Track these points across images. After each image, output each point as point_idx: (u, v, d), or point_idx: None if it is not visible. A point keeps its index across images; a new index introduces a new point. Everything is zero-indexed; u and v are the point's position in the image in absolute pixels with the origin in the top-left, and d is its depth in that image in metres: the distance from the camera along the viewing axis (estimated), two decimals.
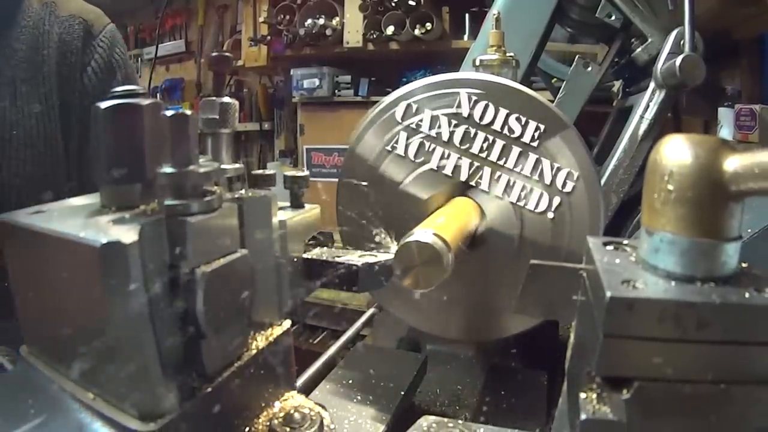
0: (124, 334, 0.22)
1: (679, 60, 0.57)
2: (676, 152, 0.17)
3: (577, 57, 0.71)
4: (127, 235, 0.21)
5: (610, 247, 0.21)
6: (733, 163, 0.17)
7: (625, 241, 0.21)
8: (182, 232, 0.22)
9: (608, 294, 0.16)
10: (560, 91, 0.72)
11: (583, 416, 0.17)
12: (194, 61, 2.96)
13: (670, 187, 0.17)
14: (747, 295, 0.17)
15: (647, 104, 0.63)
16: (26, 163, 0.64)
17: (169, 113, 0.23)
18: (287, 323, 0.31)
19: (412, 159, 0.48)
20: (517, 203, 0.46)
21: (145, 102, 0.25)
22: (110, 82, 0.74)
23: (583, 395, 0.18)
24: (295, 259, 0.31)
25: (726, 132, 1.22)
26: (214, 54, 0.31)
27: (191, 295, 0.23)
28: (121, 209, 0.25)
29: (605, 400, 0.18)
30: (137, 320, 0.22)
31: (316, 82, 2.17)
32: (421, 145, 0.48)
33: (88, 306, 0.23)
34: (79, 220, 0.24)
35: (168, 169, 0.23)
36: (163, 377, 0.23)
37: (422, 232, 0.35)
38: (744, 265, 0.20)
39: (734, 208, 0.17)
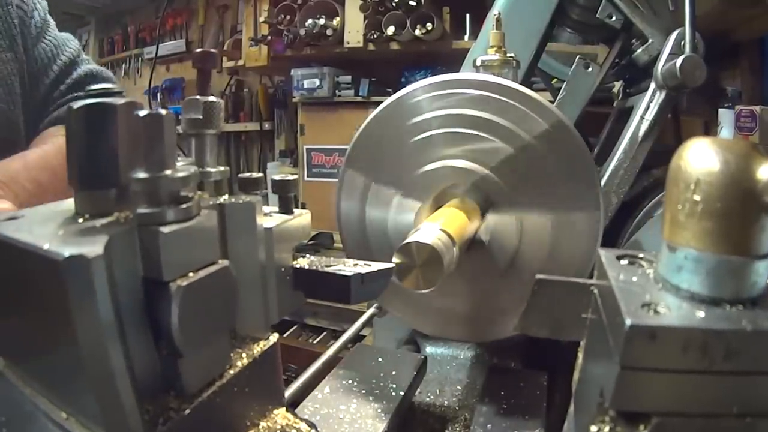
0: (92, 353, 0.20)
1: (679, 61, 0.56)
2: (703, 158, 0.15)
3: (577, 58, 0.71)
4: (93, 247, 0.19)
5: (624, 261, 0.19)
6: (767, 171, 0.15)
7: (641, 255, 0.20)
8: (155, 242, 0.20)
9: (628, 321, 0.14)
10: (561, 91, 0.72)
11: None
12: None
13: (697, 197, 0.15)
14: None
15: (647, 105, 0.62)
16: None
17: (142, 113, 0.21)
18: (274, 337, 0.29)
19: (413, 160, 0.48)
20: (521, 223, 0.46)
21: (120, 101, 0.23)
22: (57, 57, 0.79)
23: (594, 428, 0.16)
24: (283, 269, 0.29)
25: (726, 133, 1.21)
26: (198, 50, 0.29)
27: (166, 310, 0.21)
28: (94, 216, 0.23)
29: None
30: (104, 338, 0.20)
31: (317, 82, 2.16)
32: (422, 145, 0.47)
33: (56, 322, 0.22)
34: (50, 229, 0.23)
35: (141, 174, 0.21)
36: (136, 398, 0.22)
37: (423, 233, 0.36)
38: None
39: (766, 222, 0.15)
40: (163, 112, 0.21)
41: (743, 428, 0.16)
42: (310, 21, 2.02)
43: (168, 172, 0.21)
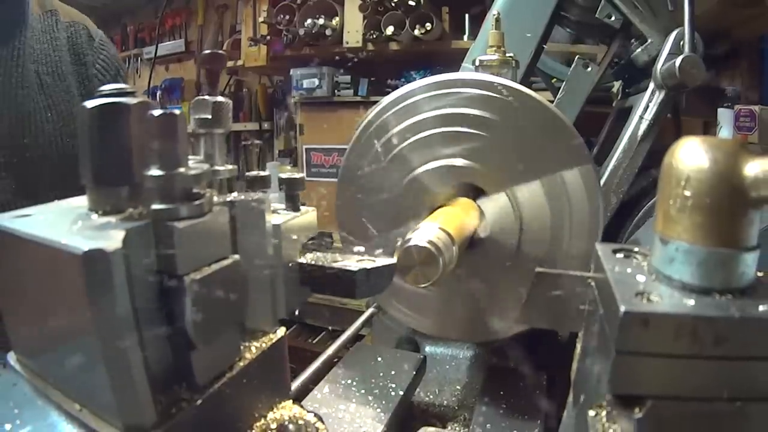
0: (109, 344, 0.21)
1: (678, 60, 0.57)
2: (693, 156, 0.16)
3: (576, 57, 0.71)
4: (111, 241, 0.20)
5: (620, 255, 0.20)
6: (754, 167, 0.16)
7: (636, 248, 0.20)
8: (170, 237, 0.21)
9: (622, 308, 0.15)
10: (560, 91, 0.71)
11: None
12: (194, 60, 2.95)
13: (687, 193, 0.16)
14: (766, 308, 0.16)
15: (647, 105, 0.63)
16: (58, 143, 0.72)
17: (156, 113, 0.22)
18: (281, 330, 0.30)
19: (411, 159, 0.47)
20: (517, 204, 0.46)
21: (133, 101, 0.24)
22: (116, 78, 0.84)
23: (592, 413, 0.17)
24: (290, 265, 0.30)
25: (725, 133, 1.22)
26: (207, 51, 0.29)
27: (180, 303, 0.22)
28: (108, 213, 0.24)
29: (615, 418, 0.17)
30: (122, 330, 0.21)
31: (316, 81, 2.16)
32: (421, 145, 0.47)
33: (72, 315, 0.22)
34: (64, 225, 0.23)
35: (155, 172, 0.22)
36: (150, 389, 0.22)
37: (422, 232, 0.36)
38: (759, 274, 0.19)
39: (754, 216, 0.16)
40: (177, 111, 0.22)
41: (733, 411, 0.17)
42: (309, 21, 2.03)
43: (182, 169, 0.22)
